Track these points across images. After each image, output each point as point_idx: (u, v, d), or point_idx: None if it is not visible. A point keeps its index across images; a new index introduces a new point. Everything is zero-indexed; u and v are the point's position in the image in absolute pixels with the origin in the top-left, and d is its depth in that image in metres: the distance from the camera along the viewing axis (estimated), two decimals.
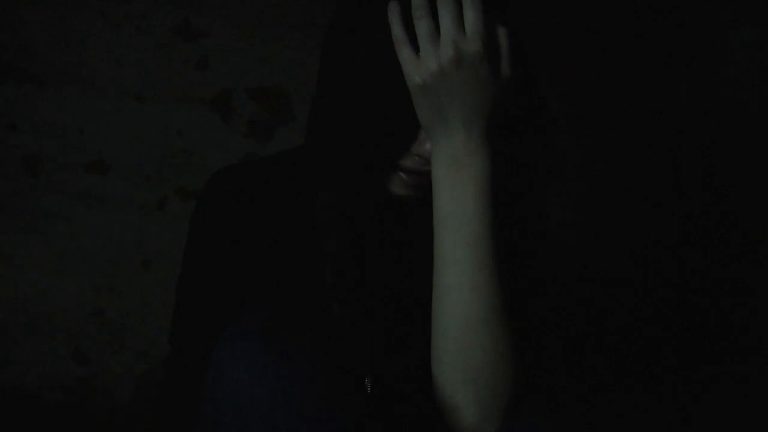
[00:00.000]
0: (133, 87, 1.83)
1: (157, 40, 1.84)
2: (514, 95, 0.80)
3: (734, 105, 1.87)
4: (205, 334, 0.81)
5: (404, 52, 0.78)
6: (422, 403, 0.83)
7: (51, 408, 1.82)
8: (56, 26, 1.80)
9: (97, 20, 1.81)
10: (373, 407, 0.82)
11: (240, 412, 0.73)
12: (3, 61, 1.79)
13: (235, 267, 0.84)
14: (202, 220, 0.87)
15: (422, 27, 0.77)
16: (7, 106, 1.79)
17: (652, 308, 1.92)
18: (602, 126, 1.94)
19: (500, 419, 0.80)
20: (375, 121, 0.82)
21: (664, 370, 1.90)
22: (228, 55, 1.87)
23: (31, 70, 1.79)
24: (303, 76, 1.88)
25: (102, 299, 1.84)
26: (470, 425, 0.80)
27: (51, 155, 1.81)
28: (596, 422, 1.74)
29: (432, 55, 0.76)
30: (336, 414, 0.72)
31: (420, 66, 0.77)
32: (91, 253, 1.83)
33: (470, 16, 0.76)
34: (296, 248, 0.85)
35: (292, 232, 0.86)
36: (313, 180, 0.85)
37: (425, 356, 0.82)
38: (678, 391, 1.88)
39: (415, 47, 0.78)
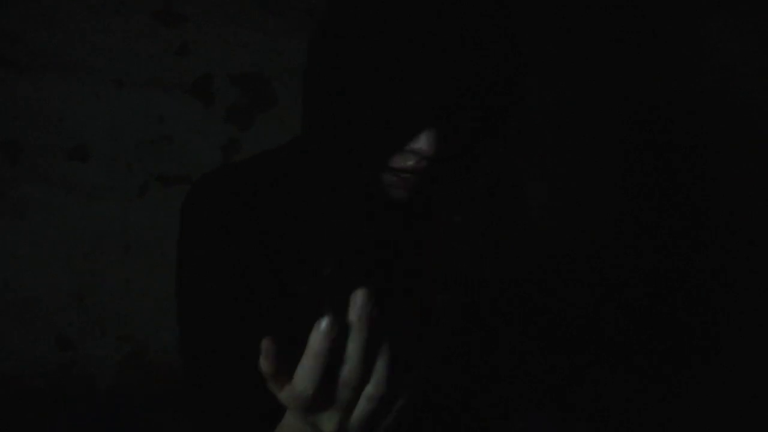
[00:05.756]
0: (113, 73, 1.83)
1: (138, 25, 1.84)
2: None
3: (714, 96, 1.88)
4: (217, 349, 0.79)
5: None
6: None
7: (33, 393, 1.83)
8: (35, 12, 1.79)
9: (76, 5, 1.80)
10: None
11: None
12: None
13: (233, 273, 0.80)
14: (192, 228, 0.82)
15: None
16: None
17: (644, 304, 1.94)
18: (602, 126, 1.95)
19: None
20: (371, 115, 0.74)
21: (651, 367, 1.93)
22: (208, 41, 1.86)
23: (9, 56, 1.78)
24: (283, 61, 1.88)
25: (83, 285, 1.84)
26: None
27: (31, 142, 1.80)
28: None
29: None
30: None
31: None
32: (72, 239, 1.83)
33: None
34: (291, 248, 0.81)
35: (286, 232, 0.82)
36: (311, 180, 0.82)
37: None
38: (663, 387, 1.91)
39: None
